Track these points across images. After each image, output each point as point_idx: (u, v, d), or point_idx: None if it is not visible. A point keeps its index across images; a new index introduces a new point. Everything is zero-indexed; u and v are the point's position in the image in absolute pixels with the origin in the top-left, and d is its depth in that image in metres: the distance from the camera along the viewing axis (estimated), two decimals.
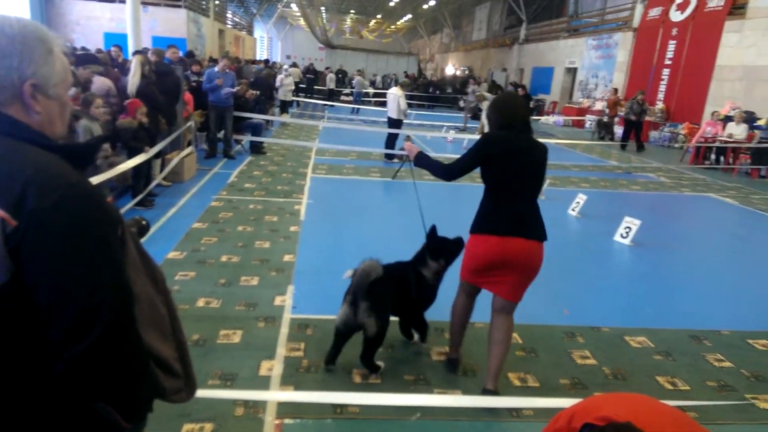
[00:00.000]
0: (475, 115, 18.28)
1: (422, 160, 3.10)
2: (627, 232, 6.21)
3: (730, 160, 12.20)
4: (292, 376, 3.02)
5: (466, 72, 34.61)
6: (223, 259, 4.76)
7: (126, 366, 1.12)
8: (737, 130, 12.00)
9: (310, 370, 3.10)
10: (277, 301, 3.99)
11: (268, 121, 13.52)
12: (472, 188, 8.64)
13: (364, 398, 2.60)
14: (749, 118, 12.52)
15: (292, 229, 5.78)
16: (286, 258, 4.88)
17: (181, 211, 6.21)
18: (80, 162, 1.23)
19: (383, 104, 25.89)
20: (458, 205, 7.47)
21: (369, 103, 24.56)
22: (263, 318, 3.70)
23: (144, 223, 1.59)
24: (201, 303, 3.86)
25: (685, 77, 16.51)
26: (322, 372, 3.09)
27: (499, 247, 2.79)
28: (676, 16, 16.99)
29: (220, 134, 9.62)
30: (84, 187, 1.13)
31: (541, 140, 3.04)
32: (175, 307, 1.41)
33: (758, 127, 12.08)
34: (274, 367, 3.10)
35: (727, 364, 3.51)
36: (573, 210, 7.39)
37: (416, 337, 3.49)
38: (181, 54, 10.79)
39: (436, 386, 3.03)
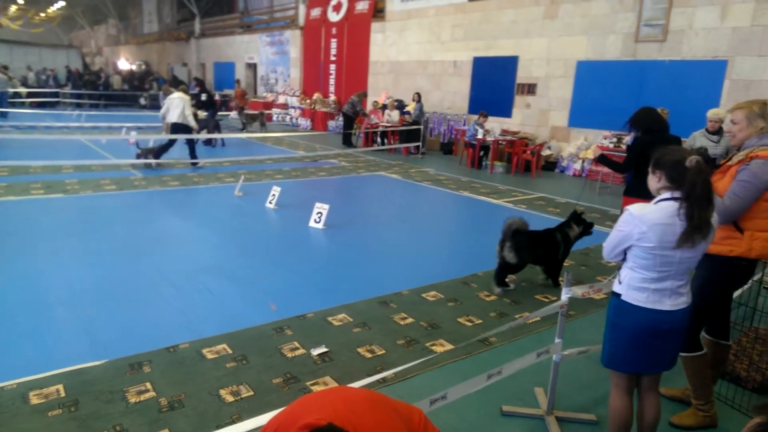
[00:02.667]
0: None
1: (604, 160, 4.54)
2: (319, 217, 6.65)
3: (392, 142, 14.36)
4: None
5: (143, 67, 31.90)
6: None
7: None
8: (391, 116, 14.19)
9: None
10: None
11: None
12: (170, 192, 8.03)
13: None
14: (400, 106, 14.93)
15: None
16: None
17: None
18: None
19: (41, 105, 21.90)
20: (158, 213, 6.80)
21: (22, 105, 20.38)
22: None
23: None
24: None
25: (349, 71, 18.66)
26: None
27: None
28: (333, 16, 18.94)
29: None
30: None
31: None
32: None
33: (407, 113, 14.51)
34: None
35: (410, 320, 4.07)
36: (270, 203, 7.54)
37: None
38: None
39: None
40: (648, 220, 2.13)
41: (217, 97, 24.83)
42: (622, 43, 11.02)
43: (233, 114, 22.07)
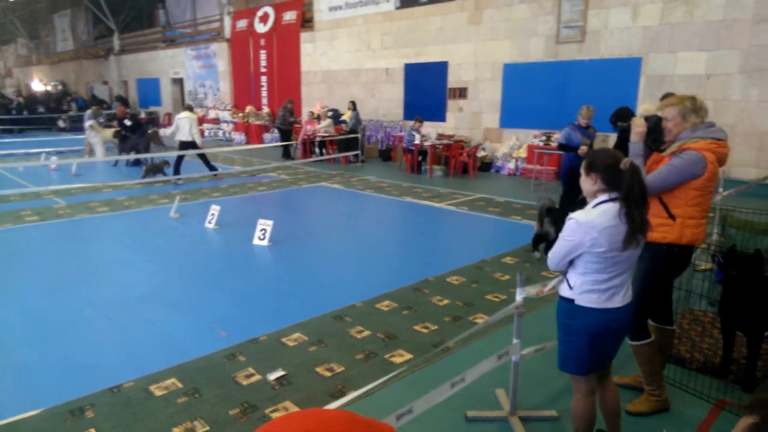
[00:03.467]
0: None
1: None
2: (263, 234, 6.47)
3: (330, 152, 14.27)
4: None
5: (60, 87, 30.16)
6: None
7: None
8: (324, 125, 14.13)
9: None
10: None
11: None
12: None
13: None
14: (335, 115, 14.89)
15: None
16: None
17: None
18: None
19: None
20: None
21: None
22: None
23: None
24: None
25: (281, 82, 18.42)
26: None
27: None
28: (260, 27, 18.65)
29: None
30: None
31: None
32: None
33: (343, 122, 14.48)
34: None
35: (367, 332, 4.01)
36: (210, 222, 7.26)
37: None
38: None
39: None
40: (597, 225, 2.17)
41: (143, 116, 23.92)
42: (544, 45, 11.51)
43: (162, 131, 21.21)
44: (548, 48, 11.45)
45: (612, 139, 8.50)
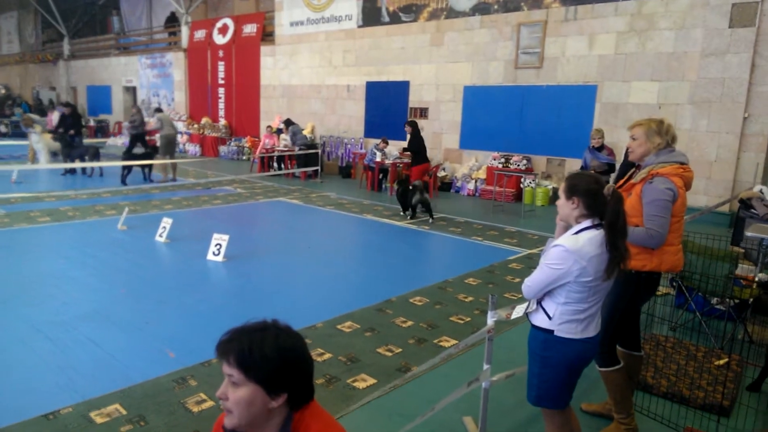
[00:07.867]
0: None
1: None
2: (218, 249, 6.19)
3: (288, 167, 14.04)
4: None
5: (3, 91, 28.67)
6: None
7: None
8: (286, 141, 13.91)
9: None
10: None
11: None
12: None
13: None
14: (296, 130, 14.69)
15: None
16: None
17: None
18: None
19: None
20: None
21: None
22: None
23: None
24: None
25: (239, 95, 18.08)
26: None
27: None
28: (219, 39, 18.31)
29: None
30: None
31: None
32: None
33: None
34: None
35: (328, 355, 3.83)
36: (161, 236, 6.91)
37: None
38: None
39: None
40: (585, 254, 2.08)
41: (92, 123, 23.03)
42: (503, 69, 11.75)
43: (110, 140, 20.43)
44: (507, 72, 11.70)
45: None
